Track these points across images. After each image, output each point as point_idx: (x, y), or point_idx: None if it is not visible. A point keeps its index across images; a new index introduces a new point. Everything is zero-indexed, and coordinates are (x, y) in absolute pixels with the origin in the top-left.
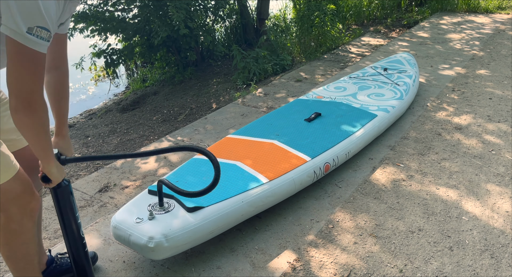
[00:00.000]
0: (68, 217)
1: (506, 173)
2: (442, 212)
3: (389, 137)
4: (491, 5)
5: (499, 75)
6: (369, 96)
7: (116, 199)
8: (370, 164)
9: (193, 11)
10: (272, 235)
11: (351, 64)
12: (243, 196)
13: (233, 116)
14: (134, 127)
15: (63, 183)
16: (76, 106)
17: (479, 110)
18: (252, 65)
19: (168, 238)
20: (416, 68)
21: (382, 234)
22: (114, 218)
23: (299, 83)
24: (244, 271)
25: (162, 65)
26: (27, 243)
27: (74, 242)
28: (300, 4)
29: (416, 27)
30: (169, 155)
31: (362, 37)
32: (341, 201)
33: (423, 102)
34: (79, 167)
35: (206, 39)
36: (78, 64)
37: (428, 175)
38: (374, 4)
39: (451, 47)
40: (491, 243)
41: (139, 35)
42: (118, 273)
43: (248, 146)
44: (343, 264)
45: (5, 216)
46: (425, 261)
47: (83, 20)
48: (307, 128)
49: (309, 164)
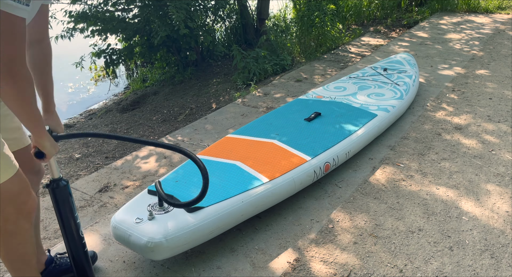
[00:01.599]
0: (67, 217)
1: (506, 173)
2: (442, 212)
3: (389, 137)
4: (491, 5)
5: (499, 75)
6: (369, 96)
7: (116, 199)
8: (370, 164)
9: (193, 11)
10: (272, 235)
11: (351, 64)
12: (243, 196)
13: (233, 116)
14: (134, 127)
15: (62, 183)
16: (76, 106)
17: (479, 110)
18: (252, 65)
19: (168, 239)
20: (416, 68)
21: (382, 234)
22: (114, 218)
23: (299, 83)
24: (244, 271)
25: (162, 65)
26: (24, 243)
27: (74, 242)
28: (300, 4)
29: (416, 27)
30: (169, 155)
31: (362, 37)
32: (341, 201)
33: (423, 102)
34: (79, 167)
35: (206, 39)
36: (78, 63)
37: (428, 175)
38: (374, 4)
39: (451, 47)
40: (491, 243)
41: (139, 35)
42: (118, 273)
43: (248, 145)
44: (343, 264)
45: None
46: (425, 261)
47: (83, 20)
48: (307, 128)
49: (309, 164)
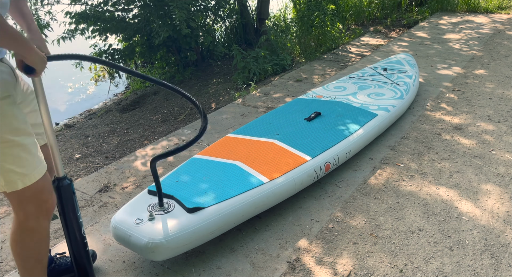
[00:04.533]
0: (70, 216)
1: (506, 173)
2: (442, 212)
3: (389, 137)
4: (491, 5)
5: (499, 75)
6: (369, 96)
7: (116, 199)
8: (370, 164)
9: (194, 11)
10: (272, 235)
11: (351, 64)
12: (244, 196)
13: (233, 116)
14: (134, 127)
15: (66, 182)
16: (76, 106)
17: (479, 110)
18: (252, 65)
19: (168, 239)
20: (416, 68)
21: (382, 234)
22: (114, 219)
23: (299, 83)
24: (244, 271)
25: (162, 65)
26: (40, 242)
27: (76, 241)
28: (300, 4)
29: (416, 27)
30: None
31: (362, 37)
32: (341, 201)
33: (423, 102)
34: (79, 167)
35: (206, 39)
36: (78, 63)
37: (428, 175)
38: (374, 4)
39: (451, 47)
40: (491, 243)
41: (139, 35)
42: (118, 273)
43: (248, 145)
44: (343, 264)
45: (23, 214)
46: (425, 261)
47: (83, 21)
48: (307, 128)
49: (310, 164)
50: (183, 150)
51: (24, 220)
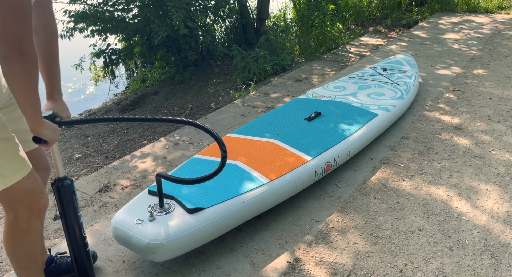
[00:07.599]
0: (70, 216)
1: (506, 173)
2: (442, 212)
3: (389, 137)
4: (491, 5)
5: (499, 75)
6: (369, 96)
7: (116, 199)
8: (370, 164)
9: (193, 11)
10: (272, 235)
11: (351, 64)
12: (244, 197)
13: (233, 116)
14: (134, 127)
15: (66, 182)
16: (76, 106)
17: (479, 110)
18: (252, 65)
19: (169, 240)
20: (416, 68)
21: (382, 234)
22: (114, 219)
23: (299, 83)
24: (244, 271)
25: (162, 65)
26: (33, 242)
27: (76, 241)
28: (300, 4)
29: (416, 27)
30: (168, 155)
31: (361, 37)
32: (341, 201)
33: (423, 102)
34: (79, 167)
35: (206, 39)
36: (78, 64)
37: (428, 175)
38: (374, 4)
39: (450, 47)
40: (491, 243)
41: (139, 35)
42: (118, 273)
43: (248, 145)
44: (343, 264)
45: (14, 215)
46: (425, 261)
47: (83, 20)
48: (307, 127)
49: (310, 164)
50: (194, 183)
51: (14, 220)
